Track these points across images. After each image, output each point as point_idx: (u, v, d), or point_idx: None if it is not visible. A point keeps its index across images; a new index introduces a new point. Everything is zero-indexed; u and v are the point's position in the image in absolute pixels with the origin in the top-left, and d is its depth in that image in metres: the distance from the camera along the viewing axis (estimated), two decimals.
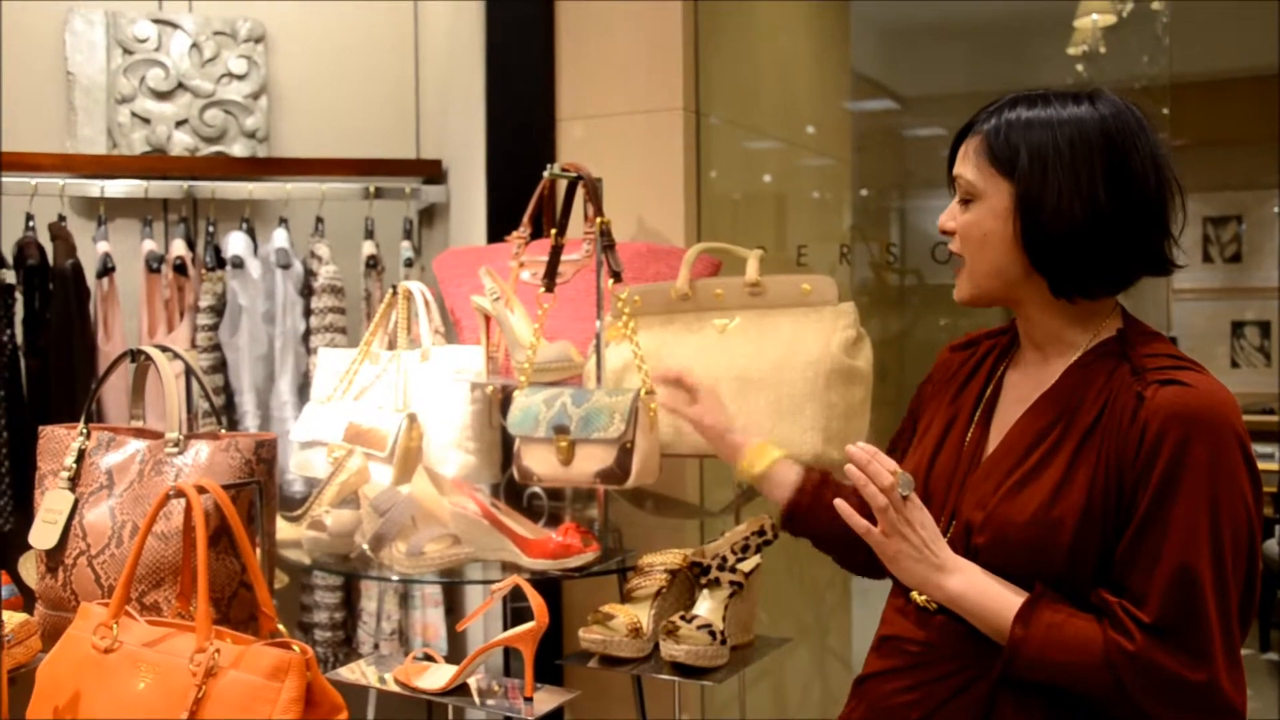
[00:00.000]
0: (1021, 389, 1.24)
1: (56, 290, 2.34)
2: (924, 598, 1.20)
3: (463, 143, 2.60)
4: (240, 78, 2.68)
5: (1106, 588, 1.10)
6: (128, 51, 2.62)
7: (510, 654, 1.93)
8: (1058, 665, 1.09)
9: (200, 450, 1.52)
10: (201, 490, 1.37)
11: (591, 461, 1.74)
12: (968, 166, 1.19)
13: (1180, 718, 1.06)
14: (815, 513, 1.46)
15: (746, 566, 1.67)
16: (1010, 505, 1.14)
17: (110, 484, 1.55)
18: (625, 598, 1.69)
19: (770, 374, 1.71)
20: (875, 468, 1.15)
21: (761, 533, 1.67)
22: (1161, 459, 1.07)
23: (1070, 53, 3.12)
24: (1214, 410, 1.08)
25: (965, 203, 1.20)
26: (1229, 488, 1.06)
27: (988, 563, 1.15)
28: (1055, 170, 1.12)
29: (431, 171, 2.73)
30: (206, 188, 2.56)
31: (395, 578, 1.79)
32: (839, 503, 1.19)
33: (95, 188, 2.50)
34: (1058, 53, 3.07)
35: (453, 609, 2.62)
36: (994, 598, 1.13)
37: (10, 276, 2.34)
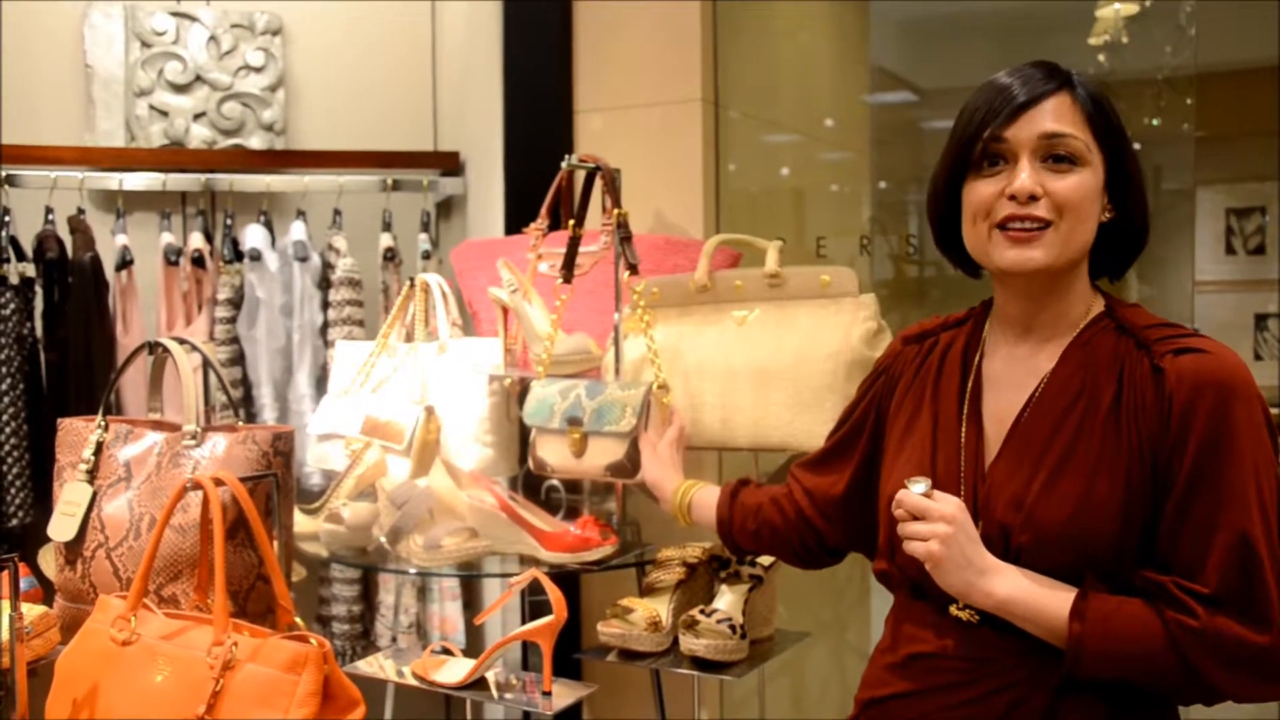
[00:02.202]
0: (1012, 375, 1.19)
1: (75, 283, 2.35)
2: (965, 611, 1.13)
3: (480, 135, 2.59)
4: (258, 70, 2.67)
5: (1150, 567, 1.07)
6: (146, 45, 2.62)
7: (528, 648, 1.92)
8: (1121, 655, 1.05)
9: (218, 443, 1.51)
10: (219, 483, 1.36)
11: (603, 454, 1.73)
12: (1072, 126, 1.10)
13: (1249, 685, 1.04)
14: (738, 520, 1.45)
15: (767, 560, 1.66)
16: (1049, 500, 1.09)
17: (128, 476, 1.54)
18: (644, 591, 1.68)
19: (790, 366, 1.69)
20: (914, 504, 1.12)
21: None
22: (1197, 427, 1.05)
23: (1092, 43, 3.08)
24: (1238, 374, 1.07)
25: (1061, 163, 1.10)
26: (1265, 450, 1.06)
27: (1031, 561, 1.10)
28: (1129, 148, 1.14)
29: (449, 164, 2.72)
30: (224, 180, 2.55)
31: (413, 571, 1.78)
32: (900, 519, 1.13)
33: (114, 181, 2.50)
34: (1079, 43, 3.03)
35: (471, 602, 2.61)
36: (1044, 597, 1.08)
37: (30, 270, 2.34)
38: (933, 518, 1.09)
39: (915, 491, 1.11)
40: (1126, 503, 1.07)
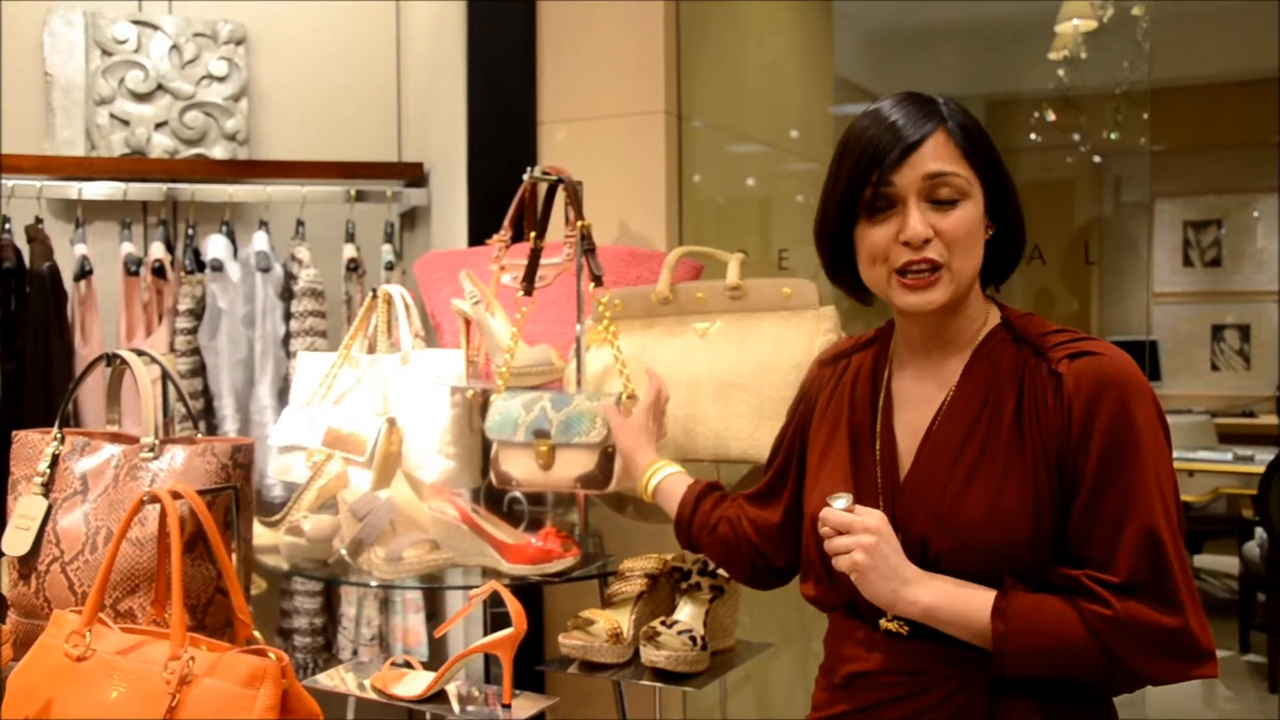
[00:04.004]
0: (920, 390, 1.22)
1: (33, 293, 2.32)
2: (895, 623, 1.17)
3: (444, 146, 2.59)
4: (221, 79, 2.66)
5: (1063, 564, 1.11)
6: (107, 53, 2.60)
7: (491, 660, 1.92)
8: (1045, 651, 1.08)
9: (176, 455, 1.50)
10: (177, 496, 1.36)
11: (572, 466, 1.74)
12: (951, 164, 1.14)
13: (1165, 665, 1.08)
14: (697, 523, 1.46)
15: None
16: (964, 506, 1.13)
17: (85, 489, 1.53)
18: (606, 603, 1.69)
19: (752, 378, 1.71)
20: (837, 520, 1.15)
21: None
22: (1099, 427, 1.09)
23: (1052, 58, 3.14)
24: (1132, 374, 1.11)
25: (945, 204, 1.14)
26: (1161, 444, 1.11)
27: (951, 568, 1.13)
28: (1002, 165, 1.19)
29: (413, 175, 2.72)
30: (186, 190, 2.54)
31: (374, 583, 1.77)
32: (826, 536, 1.16)
33: (73, 190, 2.48)
34: (1039, 58, 3.09)
35: (434, 614, 2.61)
36: (967, 600, 1.11)
37: None
38: (856, 530, 1.12)
39: (838, 507, 1.14)
40: (1036, 505, 1.11)
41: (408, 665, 1.60)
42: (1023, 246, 1.23)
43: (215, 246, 2.49)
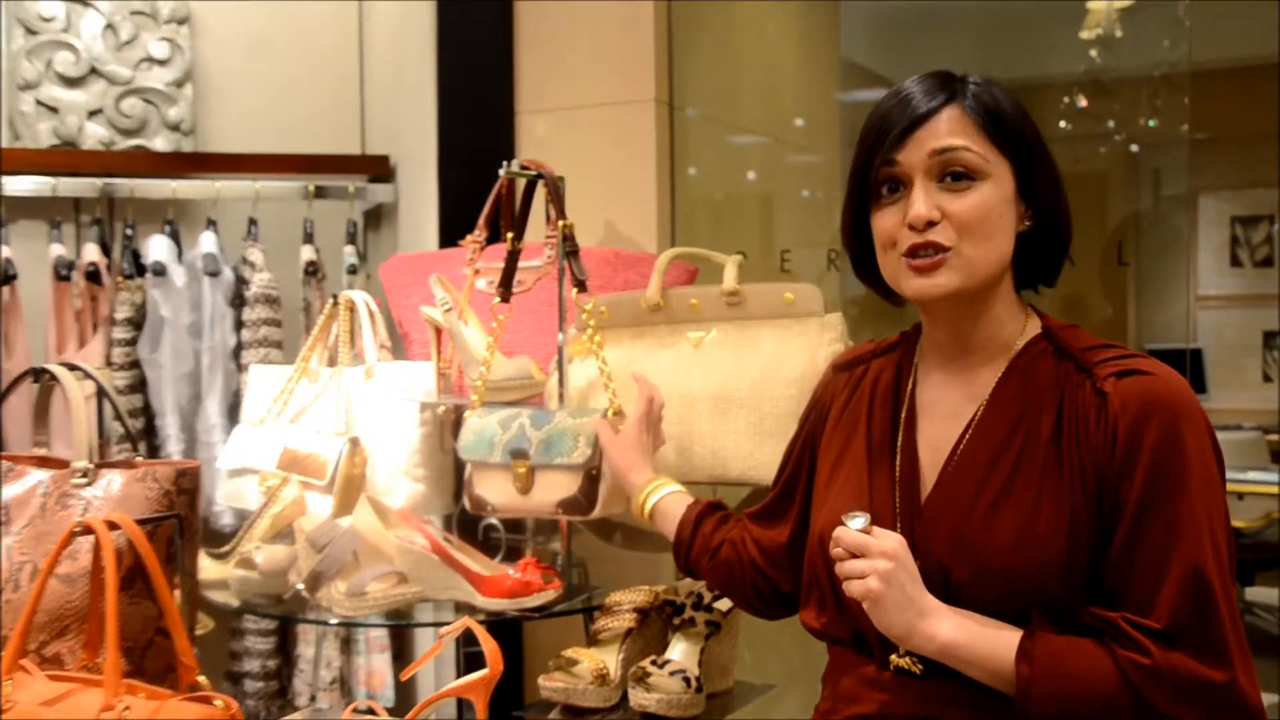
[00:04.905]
0: (947, 403, 1.23)
1: None
2: (907, 660, 1.17)
3: (413, 137, 2.61)
4: (162, 63, 2.67)
5: (1097, 603, 1.11)
6: (31, 32, 2.61)
7: (464, 705, 1.93)
8: (1072, 697, 1.08)
9: (112, 481, 1.51)
10: (113, 526, 1.36)
11: (553, 490, 1.75)
12: (964, 139, 1.15)
13: None
14: (697, 546, 1.47)
15: (725, 605, 1.68)
16: (989, 531, 1.13)
17: (8, 520, 1.53)
18: (591, 640, 1.69)
19: (751, 392, 1.72)
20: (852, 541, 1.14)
21: None
22: (1144, 454, 1.09)
23: (1083, 37, 3.16)
24: (1184, 396, 1.12)
25: (960, 181, 1.14)
26: (1213, 475, 1.11)
27: (972, 600, 1.13)
28: (1041, 148, 1.19)
29: (378, 169, 2.73)
30: (124, 185, 2.55)
31: (335, 620, 1.78)
32: (837, 558, 1.15)
33: None
34: (1069, 37, 3.11)
35: (400, 654, 2.61)
36: (990, 639, 1.11)
37: None
38: (872, 554, 1.12)
39: (853, 527, 1.14)
40: (1071, 534, 1.11)
41: (371, 712, 1.61)
42: (1066, 244, 1.23)
43: (157, 248, 2.50)
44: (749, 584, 1.43)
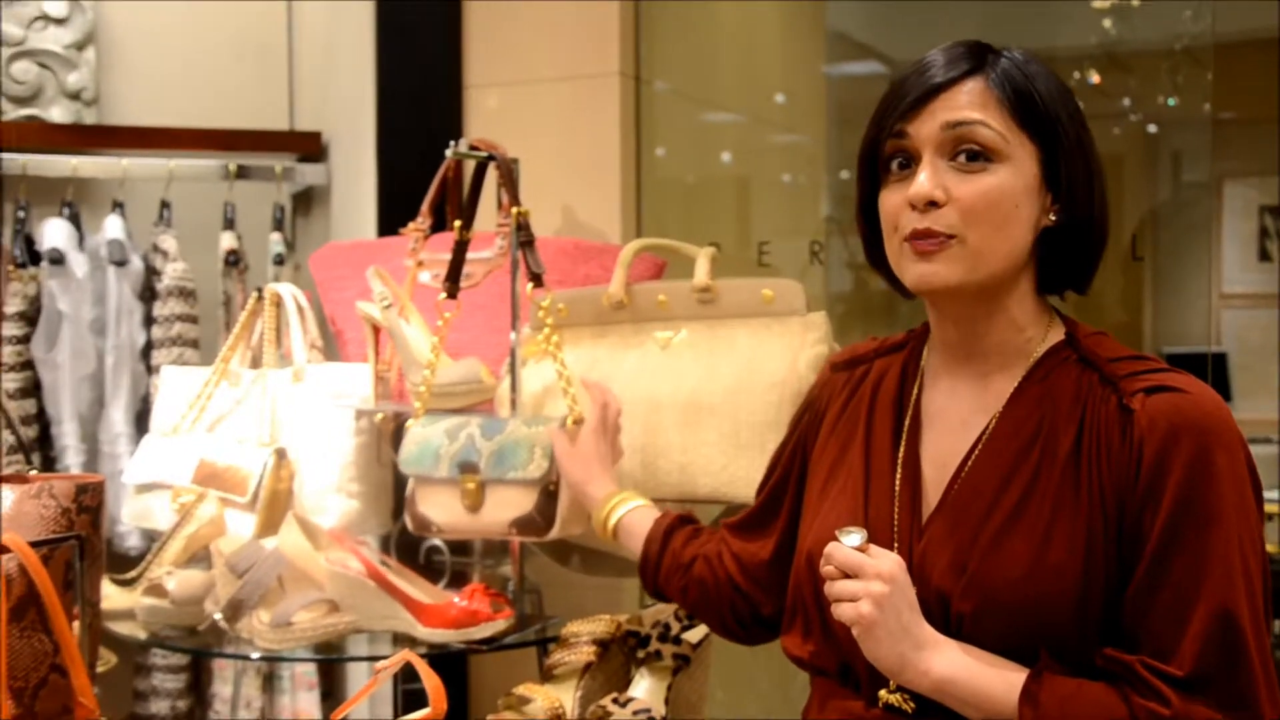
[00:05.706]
0: (956, 412, 1.24)
1: None
2: (897, 696, 1.17)
3: (348, 113, 2.61)
4: (59, 22, 2.66)
5: (1113, 644, 1.11)
6: None
7: None
8: None
9: (3, 497, 1.51)
10: (2, 549, 1.36)
11: (506, 508, 1.76)
12: (983, 113, 1.14)
13: None
14: (666, 563, 1.48)
15: (694, 636, 1.70)
16: (997, 560, 1.13)
17: None
18: (545, 676, 1.71)
19: (725, 398, 1.75)
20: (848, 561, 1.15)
21: None
22: (1172, 479, 1.09)
23: (1096, 6, 3.21)
24: (1220, 417, 1.11)
25: (974, 161, 1.14)
26: (1249, 506, 1.10)
27: (974, 634, 1.14)
28: (1078, 136, 1.18)
29: (308, 147, 2.73)
30: (16, 162, 2.53)
31: (257, 655, 1.78)
32: (828, 577, 1.16)
33: None
34: (1080, 6, 3.16)
35: (331, 693, 2.61)
36: (990, 679, 1.11)
37: None
38: (867, 575, 1.13)
39: (848, 544, 1.15)
40: (1088, 566, 1.11)
41: None
42: (1101, 245, 1.22)
43: (54, 233, 2.48)
44: (725, 605, 1.43)
